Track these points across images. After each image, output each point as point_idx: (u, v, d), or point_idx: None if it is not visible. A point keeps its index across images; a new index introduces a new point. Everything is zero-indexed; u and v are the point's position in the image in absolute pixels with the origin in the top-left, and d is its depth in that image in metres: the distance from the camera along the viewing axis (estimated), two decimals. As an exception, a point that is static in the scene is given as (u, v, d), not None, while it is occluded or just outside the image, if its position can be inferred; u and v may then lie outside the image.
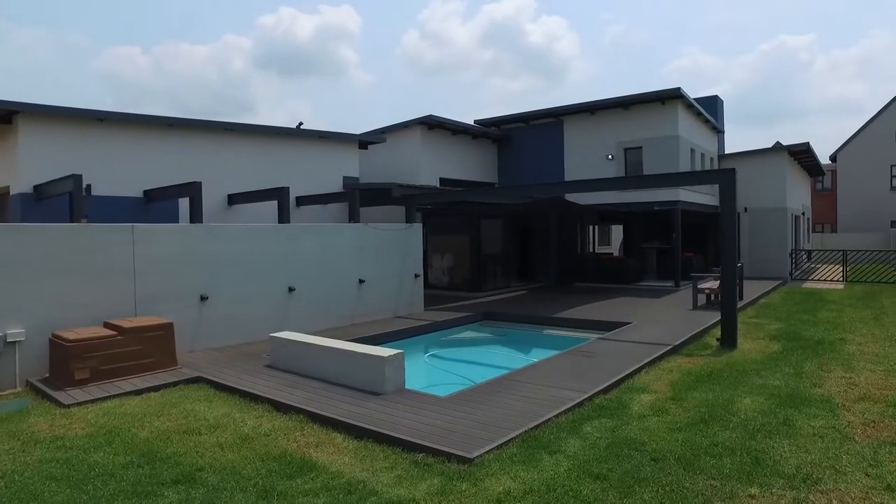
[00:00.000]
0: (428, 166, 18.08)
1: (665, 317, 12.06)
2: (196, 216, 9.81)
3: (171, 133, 12.14)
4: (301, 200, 14.05)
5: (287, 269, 10.67)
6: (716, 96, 22.29)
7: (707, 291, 13.33)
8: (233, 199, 12.75)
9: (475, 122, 21.05)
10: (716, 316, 11.76)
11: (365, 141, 15.89)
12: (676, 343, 9.12)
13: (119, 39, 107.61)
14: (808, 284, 19.69)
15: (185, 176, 11.26)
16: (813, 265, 25.53)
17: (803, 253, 24.62)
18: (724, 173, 9.15)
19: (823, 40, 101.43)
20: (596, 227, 24.07)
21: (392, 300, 12.80)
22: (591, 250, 22.49)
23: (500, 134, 20.98)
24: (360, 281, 12.02)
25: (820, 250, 23.90)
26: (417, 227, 13.36)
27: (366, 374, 6.89)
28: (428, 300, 15.49)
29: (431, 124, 18.29)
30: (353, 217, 12.58)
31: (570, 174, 19.48)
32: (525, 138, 20.75)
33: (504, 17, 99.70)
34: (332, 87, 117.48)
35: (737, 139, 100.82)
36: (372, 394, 6.66)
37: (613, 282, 18.87)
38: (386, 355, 6.72)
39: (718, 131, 22.20)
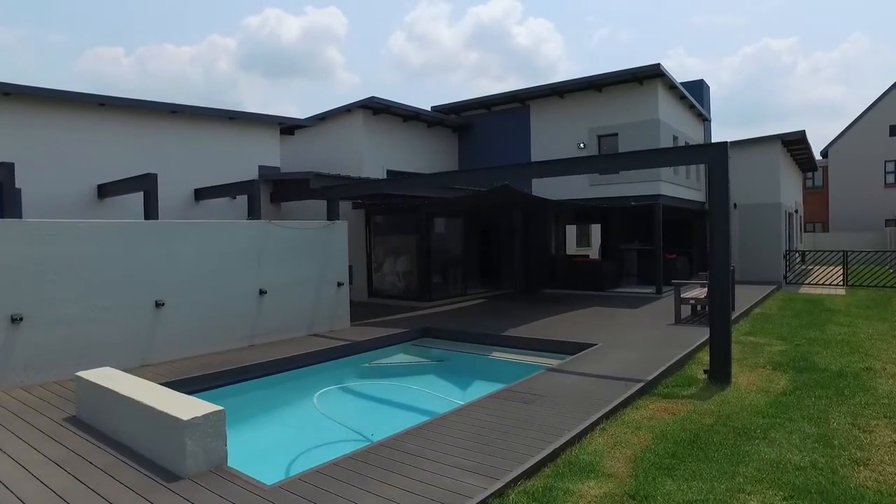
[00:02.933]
0: (372, 156, 15.67)
1: (641, 335, 9.73)
2: (13, 208, 7.31)
3: (9, 106, 9.55)
4: (201, 193, 11.56)
5: (154, 278, 8.21)
6: (701, 81, 20.08)
7: (692, 301, 11.03)
8: (104, 191, 10.23)
9: (432, 108, 18.67)
10: (703, 333, 9.45)
11: (289, 124, 13.42)
12: (650, 378, 6.76)
13: (102, 40, 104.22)
14: (805, 290, 17.50)
15: (34, 161, 8.78)
16: (807, 267, 23.42)
17: (797, 254, 22.51)
18: (713, 149, 6.83)
19: (805, 43, 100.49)
20: (572, 226, 21.77)
21: (306, 314, 10.36)
22: (563, 252, 20.18)
23: (460, 122, 18.61)
24: (261, 292, 9.58)
25: (815, 251, 21.76)
26: (341, 226, 10.94)
27: (163, 444, 4.46)
28: (367, 311, 13.11)
29: (376, 108, 15.87)
30: (254, 213, 10.13)
31: (538, 166, 17.14)
32: (488, 126, 18.40)
33: (491, 19, 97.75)
34: (318, 88, 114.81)
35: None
36: (166, 477, 4.23)
37: (587, 288, 16.55)
38: (187, 417, 4.28)
39: (704, 119, 20.00)
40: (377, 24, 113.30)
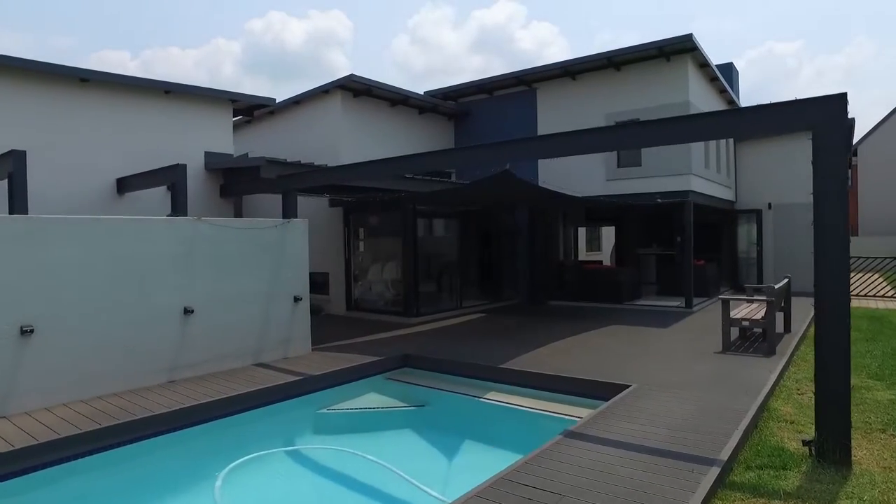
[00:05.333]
0: (353, 146, 13.35)
1: (685, 369, 7.39)
2: None
3: None
4: (124, 184, 9.26)
5: (17, 295, 5.94)
6: (731, 64, 17.74)
7: (745, 322, 8.66)
8: (-16, 178, 7.95)
9: (426, 93, 16.37)
10: (765, 367, 7.12)
11: (246, 103, 11.11)
12: (723, 457, 4.42)
13: (107, 44, 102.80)
14: (855, 302, 15.10)
15: None
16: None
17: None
18: (825, 105, 4.49)
19: (810, 47, 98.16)
20: (581, 228, 19.42)
21: (251, 339, 8.08)
22: (573, 258, 17.84)
23: (456, 109, 16.31)
24: (186, 311, 7.30)
25: (855, 257, 19.33)
26: (298, 226, 8.66)
27: None
28: (340, 330, 10.88)
29: (357, 89, 13.59)
30: (179, 208, 7.85)
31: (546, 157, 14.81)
32: (488, 113, 16.09)
33: (494, 23, 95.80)
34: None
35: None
36: None
37: (602, 299, 14.21)
38: None
39: (736, 107, 17.66)
40: (381, 28, 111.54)
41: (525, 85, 15.40)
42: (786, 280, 9.75)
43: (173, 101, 10.05)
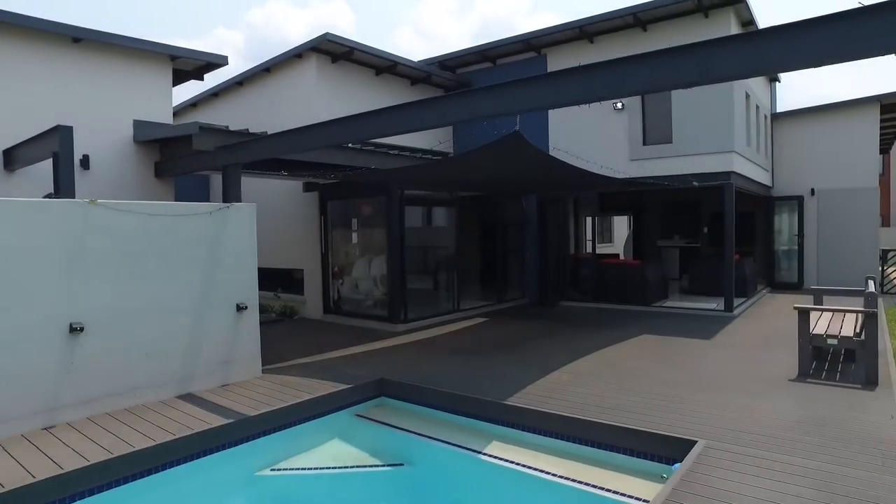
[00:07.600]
0: (327, 118, 11.19)
1: (762, 410, 5.31)
2: None
3: None
4: (12, 157, 7.13)
5: None
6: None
7: (833, 340, 6.56)
8: None
9: (420, 62, 14.23)
10: (878, 405, 5.00)
11: (193, 62, 8.93)
12: None
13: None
14: (916, 303, 13.02)
15: None
16: (886, 269, 18.90)
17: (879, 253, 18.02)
18: None
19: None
20: (596, 218, 17.28)
21: (174, 362, 6.06)
22: (587, 251, 15.74)
23: (454, 80, 14.16)
24: (74, 328, 5.26)
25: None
26: (241, 213, 6.58)
27: None
28: (308, 341, 8.81)
29: (335, 53, 11.45)
30: (62, 188, 5.78)
31: (558, 134, 12.70)
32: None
33: (498, 13, 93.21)
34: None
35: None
36: None
37: (624, 300, 12.14)
38: None
39: (774, 79, 15.49)
40: (383, 18, 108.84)
41: (534, 51, 13.23)
42: (871, 282, 7.66)
43: (88, 52, 7.84)
